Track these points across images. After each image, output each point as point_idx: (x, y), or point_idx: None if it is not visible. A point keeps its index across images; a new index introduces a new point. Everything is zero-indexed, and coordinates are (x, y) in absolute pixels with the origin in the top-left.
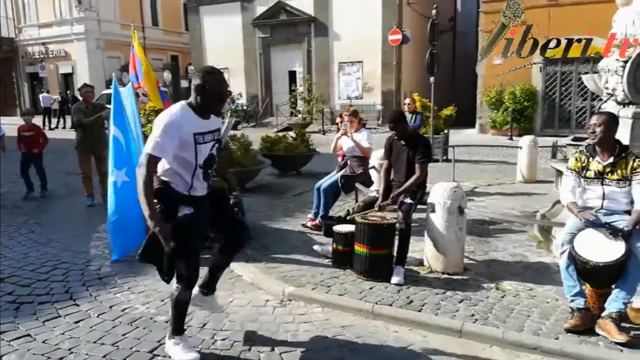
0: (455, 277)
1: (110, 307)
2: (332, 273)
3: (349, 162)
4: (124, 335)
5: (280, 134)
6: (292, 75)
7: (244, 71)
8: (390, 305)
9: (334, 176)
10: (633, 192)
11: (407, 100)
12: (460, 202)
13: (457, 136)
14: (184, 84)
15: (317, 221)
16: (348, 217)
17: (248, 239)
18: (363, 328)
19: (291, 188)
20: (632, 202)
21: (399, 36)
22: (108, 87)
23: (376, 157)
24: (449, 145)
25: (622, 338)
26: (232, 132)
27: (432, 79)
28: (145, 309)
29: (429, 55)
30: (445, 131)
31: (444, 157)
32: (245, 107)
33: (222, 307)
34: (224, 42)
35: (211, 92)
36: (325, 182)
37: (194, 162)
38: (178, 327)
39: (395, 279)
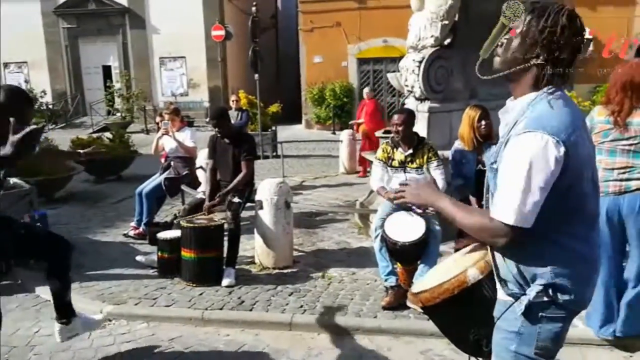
0: (285, 271)
1: None
2: (158, 284)
3: (172, 163)
4: None
5: (95, 135)
6: (107, 70)
7: (47, 65)
8: (221, 308)
9: (157, 179)
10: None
11: (233, 97)
12: (286, 197)
13: (285, 132)
14: None
15: (140, 229)
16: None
17: (69, 248)
18: (193, 337)
19: (110, 195)
20: None
21: (222, 32)
22: None
23: (203, 157)
24: (277, 141)
25: None
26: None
27: (256, 75)
28: None
29: (252, 52)
30: (273, 128)
31: (274, 153)
32: (51, 106)
33: (100, 317)
34: (19, 31)
35: None
36: (147, 185)
37: None
38: None
39: (226, 281)
